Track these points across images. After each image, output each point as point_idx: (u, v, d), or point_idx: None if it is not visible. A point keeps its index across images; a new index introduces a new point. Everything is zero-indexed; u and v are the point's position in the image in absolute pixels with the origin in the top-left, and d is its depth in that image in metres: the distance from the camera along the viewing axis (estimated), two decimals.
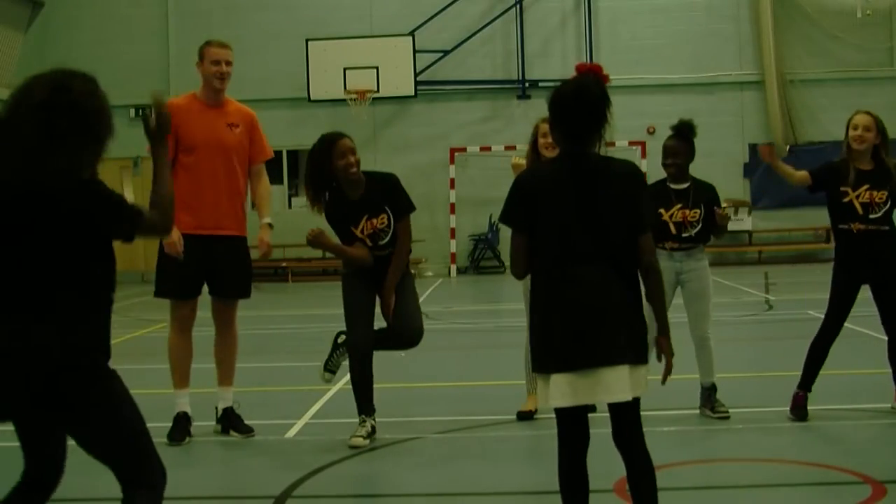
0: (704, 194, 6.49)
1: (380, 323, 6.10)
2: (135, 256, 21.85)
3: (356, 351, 5.97)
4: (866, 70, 21.71)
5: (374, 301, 6.05)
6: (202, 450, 6.13)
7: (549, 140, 6.60)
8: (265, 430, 6.45)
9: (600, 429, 3.77)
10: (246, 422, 6.40)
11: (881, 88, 21.56)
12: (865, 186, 6.11)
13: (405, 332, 6.05)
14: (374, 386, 6.10)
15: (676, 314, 6.25)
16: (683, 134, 6.44)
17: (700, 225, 6.43)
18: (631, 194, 3.63)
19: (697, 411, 6.49)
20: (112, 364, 3.25)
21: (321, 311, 14.08)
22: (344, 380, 8.34)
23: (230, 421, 6.34)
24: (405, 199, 6.05)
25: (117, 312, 3.49)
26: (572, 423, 3.65)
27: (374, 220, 5.93)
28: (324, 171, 5.92)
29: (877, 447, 5.79)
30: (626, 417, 3.62)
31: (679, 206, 6.40)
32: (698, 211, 6.41)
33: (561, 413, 3.64)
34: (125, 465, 3.25)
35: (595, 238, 3.54)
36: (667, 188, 6.47)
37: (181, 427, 6.19)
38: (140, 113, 4.20)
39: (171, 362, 6.31)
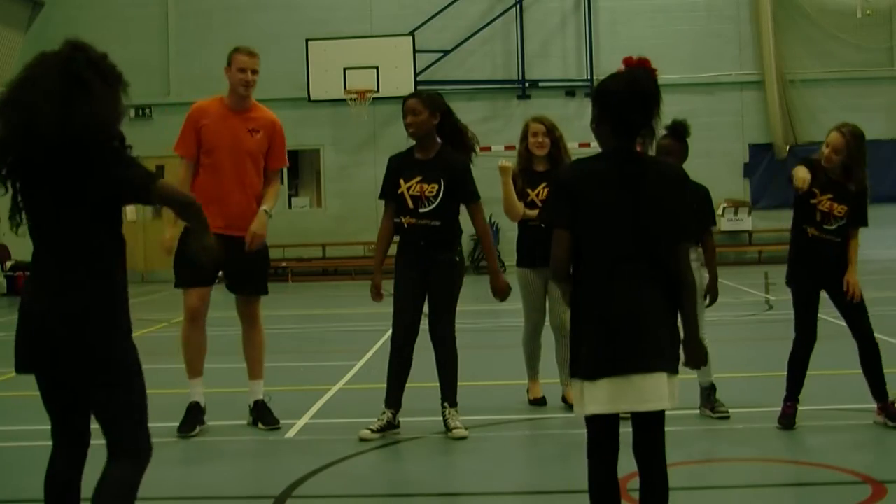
0: (696, 198, 6.43)
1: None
2: (135, 256, 21.85)
3: (392, 342, 6.18)
4: (866, 70, 21.71)
5: (422, 289, 6.15)
6: (203, 450, 6.13)
7: (539, 139, 6.80)
8: (265, 430, 6.45)
9: None
10: (246, 421, 6.44)
11: (881, 88, 21.58)
12: (829, 196, 6.06)
13: (431, 334, 6.25)
14: (376, 386, 6.12)
15: None
16: (678, 133, 6.40)
17: None
18: (674, 199, 3.50)
19: (697, 411, 6.49)
20: None
21: (321, 311, 14.10)
22: (344, 380, 8.35)
23: (259, 413, 6.48)
24: (467, 185, 6.15)
25: None
26: (604, 431, 3.51)
27: (425, 185, 6.07)
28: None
29: (877, 447, 5.79)
30: (653, 430, 3.51)
31: None
32: None
33: (592, 420, 3.51)
34: (121, 432, 3.40)
35: (638, 240, 3.42)
36: None
37: (192, 417, 6.30)
38: (141, 113, 4.37)
39: (184, 353, 6.42)
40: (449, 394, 6.21)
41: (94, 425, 3.50)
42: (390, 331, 6.20)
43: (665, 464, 3.55)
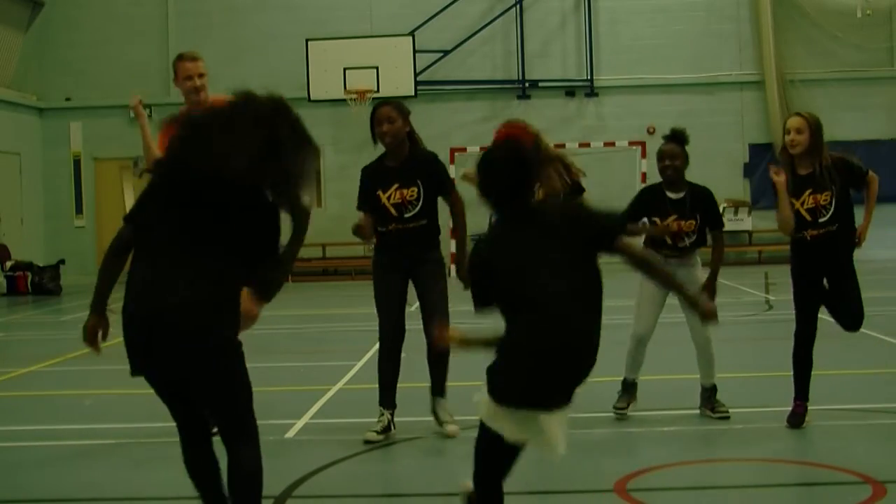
0: (701, 203, 6.41)
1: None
2: None
3: (381, 343, 6.16)
4: (866, 70, 21.71)
5: (405, 288, 6.17)
6: None
7: None
8: (265, 430, 6.43)
9: (599, 429, 3.77)
10: None
11: (881, 88, 21.58)
12: (808, 191, 6.03)
13: (426, 333, 6.12)
14: (376, 386, 6.13)
15: (676, 315, 6.28)
16: (679, 139, 6.40)
17: (696, 235, 6.38)
18: (575, 219, 3.63)
19: (697, 411, 6.48)
20: (112, 365, 3.28)
21: (321, 312, 14.10)
22: (344, 380, 8.34)
23: None
24: (444, 180, 6.19)
25: (119, 312, 3.52)
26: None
27: (405, 191, 6.05)
28: (373, 136, 6.17)
29: (877, 447, 5.79)
30: None
31: (674, 216, 6.33)
32: (694, 221, 6.34)
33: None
34: (234, 419, 3.64)
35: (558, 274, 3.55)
36: (663, 196, 6.41)
37: None
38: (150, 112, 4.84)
39: None
40: (441, 387, 6.21)
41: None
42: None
43: None
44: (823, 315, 6.14)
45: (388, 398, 6.17)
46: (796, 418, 6.12)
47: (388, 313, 6.15)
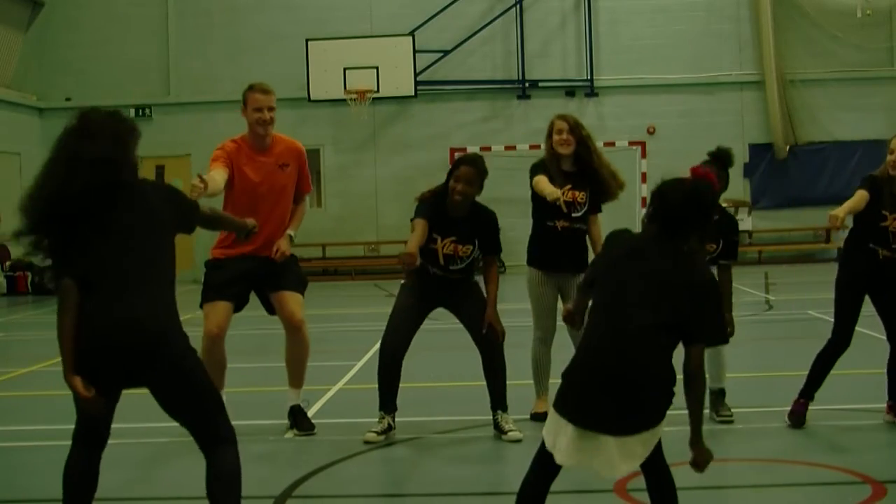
0: (721, 229, 6.31)
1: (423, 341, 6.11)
2: None
3: (384, 352, 6.15)
4: (866, 70, 21.70)
5: (422, 318, 6.23)
6: None
7: (564, 137, 6.54)
8: (265, 430, 6.45)
9: None
10: (248, 422, 6.43)
11: (881, 88, 21.58)
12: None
13: (486, 342, 6.18)
14: (376, 386, 6.13)
15: None
16: (722, 160, 6.31)
17: (717, 253, 6.33)
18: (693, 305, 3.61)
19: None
20: None
21: (321, 312, 14.09)
22: (344, 380, 8.34)
23: (294, 418, 6.46)
24: (496, 241, 6.23)
25: None
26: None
27: (459, 247, 6.10)
28: (446, 185, 6.09)
29: (877, 447, 5.79)
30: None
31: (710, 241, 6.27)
32: (715, 245, 6.32)
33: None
34: (206, 425, 3.74)
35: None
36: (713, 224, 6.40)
37: None
38: (140, 113, 5.23)
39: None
40: (499, 400, 6.17)
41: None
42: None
43: (667, 467, 3.65)
44: (823, 315, 6.12)
45: (388, 403, 6.17)
46: (797, 417, 6.12)
47: (395, 332, 6.16)
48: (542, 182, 6.35)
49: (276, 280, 6.34)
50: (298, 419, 6.44)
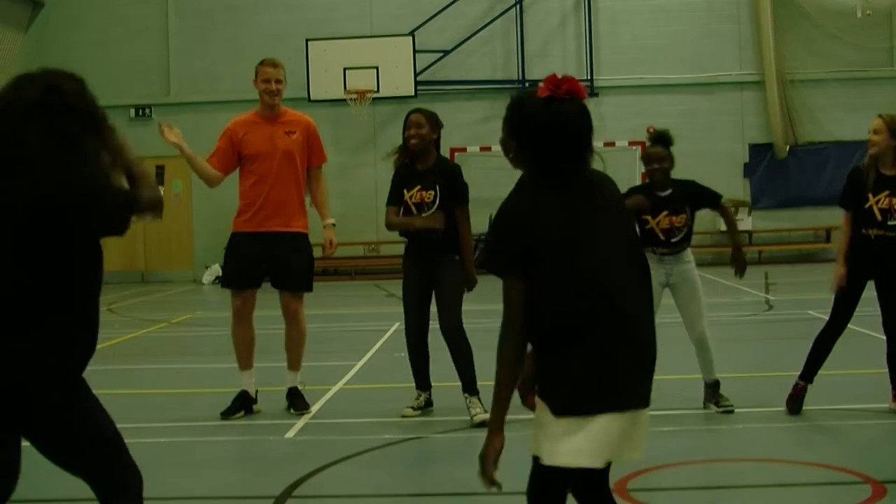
0: (687, 196, 6.54)
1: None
2: (135, 256, 21.88)
3: (409, 334, 6.65)
4: (866, 70, 21.71)
5: (428, 288, 6.59)
6: (203, 450, 6.13)
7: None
8: (265, 430, 6.46)
9: None
10: (248, 422, 6.57)
11: (881, 88, 21.57)
12: (887, 192, 6.06)
13: (441, 327, 6.56)
14: (376, 386, 6.15)
15: (671, 314, 6.28)
16: (664, 141, 6.52)
17: (687, 228, 6.50)
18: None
19: (698, 411, 6.49)
20: (112, 365, 3.26)
21: (321, 312, 14.08)
22: (344, 380, 8.34)
23: (291, 398, 6.89)
24: (459, 188, 6.59)
25: (117, 312, 3.52)
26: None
27: (423, 193, 6.53)
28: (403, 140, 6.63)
29: (877, 447, 5.79)
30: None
31: (665, 213, 6.45)
32: (685, 216, 6.48)
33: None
34: (96, 476, 3.24)
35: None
36: (653, 194, 6.52)
37: (238, 403, 6.76)
38: (140, 113, 4.39)
39: (234, 348, 6.89)
40: (468, 383, 6.45)
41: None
42: (391, 331, 6.25)
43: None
44: (822, 315, 6.14)
45: (421, 381, 6.64)
46: (795, 402, 6.22)
47: (409, 309, 6.62)
48: None
49: (281, 278, 6.90)
50: (295, 399, 6.85)
